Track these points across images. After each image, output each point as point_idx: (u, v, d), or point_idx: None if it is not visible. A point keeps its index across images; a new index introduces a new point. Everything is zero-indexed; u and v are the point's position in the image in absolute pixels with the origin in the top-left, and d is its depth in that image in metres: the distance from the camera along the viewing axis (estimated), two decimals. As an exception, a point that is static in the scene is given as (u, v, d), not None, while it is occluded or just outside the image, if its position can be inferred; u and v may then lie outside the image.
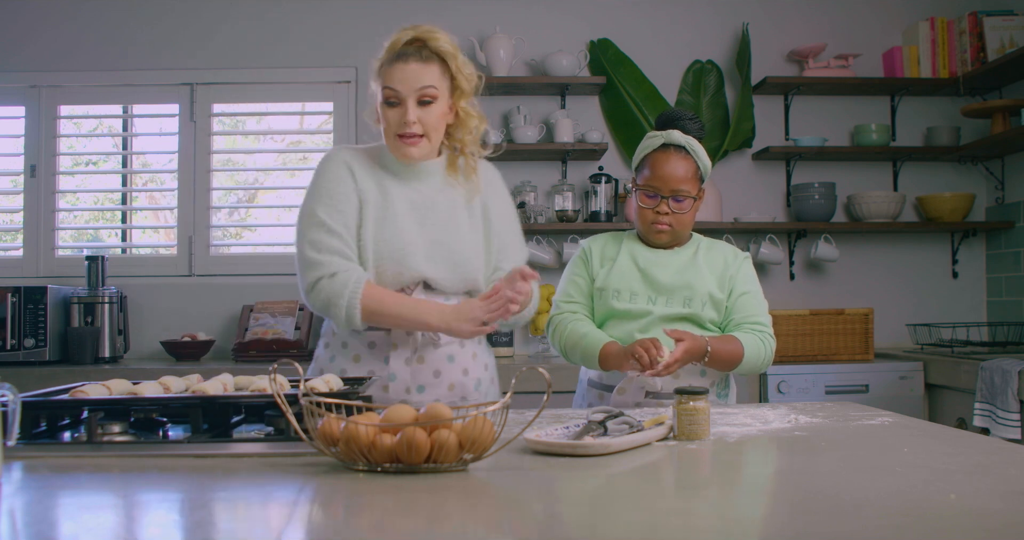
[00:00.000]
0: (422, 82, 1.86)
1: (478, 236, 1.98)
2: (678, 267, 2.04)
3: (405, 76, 1.85)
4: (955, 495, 1.09)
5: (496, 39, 3.82)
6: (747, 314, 2.03)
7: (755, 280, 2.10)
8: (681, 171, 2.00)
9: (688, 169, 2.01)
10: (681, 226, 2.04)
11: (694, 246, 2.10)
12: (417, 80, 1.85)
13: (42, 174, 3.94)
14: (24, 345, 3.47)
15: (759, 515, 1.05)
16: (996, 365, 2.95)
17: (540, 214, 3.80)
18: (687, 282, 2.01)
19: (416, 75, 1.85)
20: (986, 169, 4.05)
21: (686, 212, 2.02)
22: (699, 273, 2.03)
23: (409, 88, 1.85)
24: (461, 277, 1.93)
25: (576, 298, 2.10)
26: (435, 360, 1.92)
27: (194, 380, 1.61)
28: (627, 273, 2.05)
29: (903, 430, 1.60)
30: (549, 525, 1.02)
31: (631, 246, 2.09)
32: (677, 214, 2.02)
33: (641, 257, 2.06)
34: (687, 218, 2.04)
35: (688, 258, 2.06)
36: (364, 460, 1.23)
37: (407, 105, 1.86)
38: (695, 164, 2.03)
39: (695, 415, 1.49)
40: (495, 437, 1.25)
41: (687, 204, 2.02)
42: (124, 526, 1.05)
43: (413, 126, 1.87)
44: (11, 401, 1.26)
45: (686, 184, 2.01)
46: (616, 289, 2.04)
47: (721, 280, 2.03)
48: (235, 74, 3.96)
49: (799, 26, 4.06)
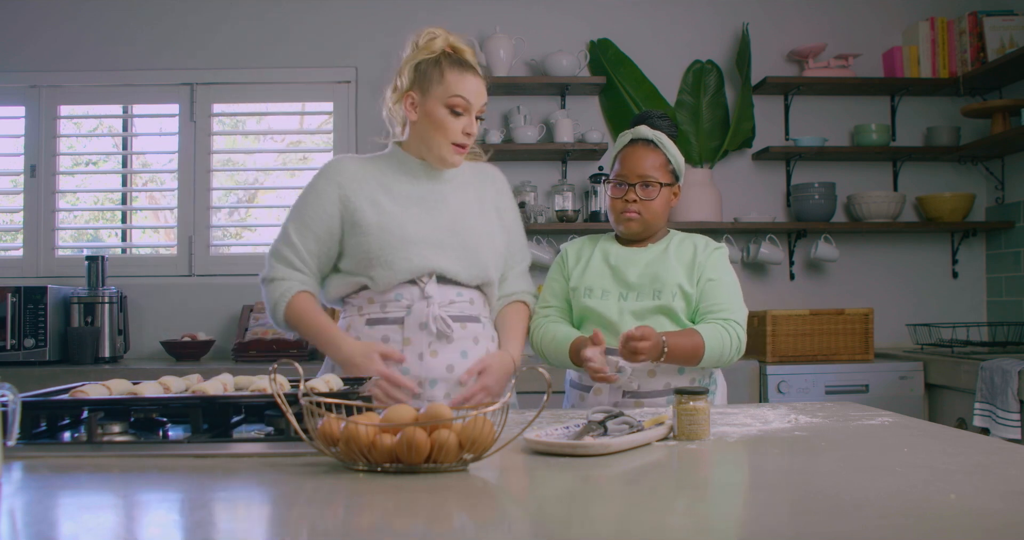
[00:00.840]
0: (484, 98, 1.95)
1: (491, 228, 2.03)
2: (647, 262, 2.05)
3: (476, 90, 1.93)
4: (955, 495, 1.09)
5: (496, 39, 3.82)
6: (713, 302, 2.00)
7: (726, 269, 2.06)
8: (648, 160, 2.04)
9: (656, 159, 2.04)
10: (649, 214, 2.04)
11: (667, 242, 2.10)
12: (482, 95, 1.95)
13: (42, 174, 3.94)
14: (24, 345, 3.47)
15: (760, 515, 1.05)
16: (996, 365, 2.95)
17: (540, 214, 3.80)
18: (655, 275, 2.01)
19: (481, 90, 1.94)
20: (986, 169, 4.05)
21: (653, 198, 2.03)
22: (668, 265, 2.03)
23: (478, 101, 1.93)
24: (472, 266, 1.96)
25: (551, 302, 2.13)
26: (448, 354, 1.92)
27: (194, 380, 1.61)
28: (598, 271, 2.07)
29: (903, 430, 1.60)
30: (549, 525, 1.02)
31: (605, 246, 2.12)
32: (645, 201, 2.03)
33: (612, 254, 2.09)
34: (655, 206, 2.04)
35: (659, 253, 2.07)
36: (364, 460, 1.23)
37: (471, 117, 1.93)
38: (664, 155, 2.05)
39: (695, 415, 1.49)
40: (495, 437, 1.25)
41: (654, 190, 2.03)
42: (124, 526, 1.05)
43: (470, 138, 1.95)
44: (11, 401, 1.26)
45: (654, 172, 2.03)
46: (588, 287, 2.06)
47: (690, 270, 2.02)
48: (235, 74, 3.96)
49: (799, 26, 4.06)
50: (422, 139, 1.96)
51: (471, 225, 1.98)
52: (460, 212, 1.99)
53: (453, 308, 1.93)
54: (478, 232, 1.99)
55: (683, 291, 2.00)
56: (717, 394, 2.10)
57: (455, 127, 1.92)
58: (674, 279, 2.00)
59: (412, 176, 2.00)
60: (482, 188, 2.07)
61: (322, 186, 1.97)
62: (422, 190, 1.99)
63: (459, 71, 1.91)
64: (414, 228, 1.92)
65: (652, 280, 2.01)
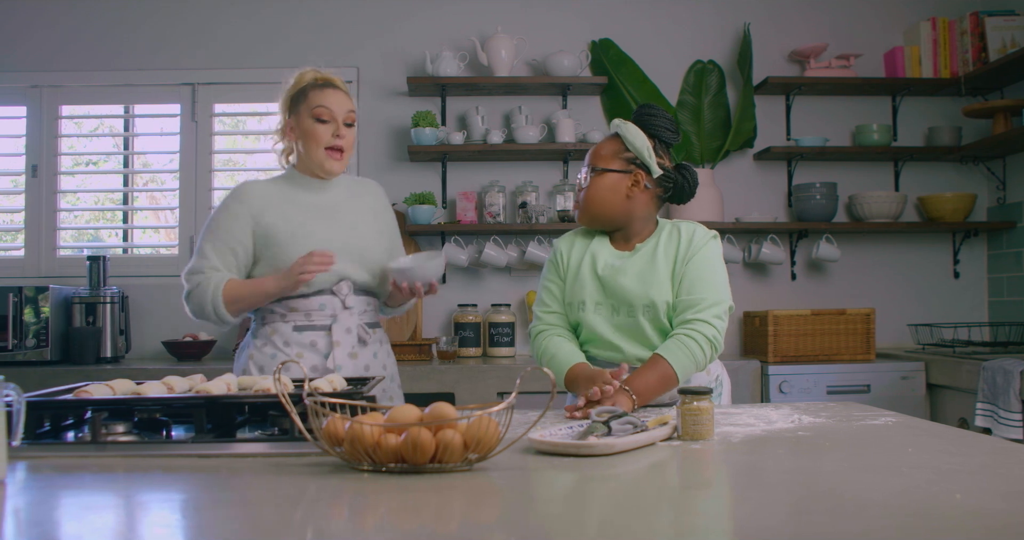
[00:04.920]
0: (348, 106, 2.18)
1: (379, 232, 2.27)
2: (637, 272, 1.96)
3: (338, 100, 2.17)
4: (960, 495, 1.09)
5: (497, 39, 3.82)
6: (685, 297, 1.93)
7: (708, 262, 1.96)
8: (601, 149, 2.00)
9: (609, 147, 1.99)
10: (588, 202, 2.00)
11: (655, 239, 2.01)
12: (344, 104, 2.18)
13: (43, 174, 3.94)
14: (25, 345, 3.47)
15: (766, 515, 1.05)
16: (998, 365, 2.95)
17: (542, 214, 3.80)
18: (644, 291, 1.94)
19: (343, 100, 2.18)
20: (987, 169, 4.05)
21: (591, 186, 1.99)
22: (657, 276, 1.94)
23: (341, 109, 2.17)
24: (369, 271, 2.20)
25: (552, 306, 2.07)
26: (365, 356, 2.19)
27: (197, 380, 1.61)
28: (588, 284, 2.00)
29: (907, 430, 1.60)
30: (554, 525, 1.02)
31: (596, 248, 2.04)
32: (586, 189, 2.00)
33: (601, 262, 2.01)
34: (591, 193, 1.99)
35: (647, 259, 1.98)
36: (369, 460, 1.23)
37: (338, 123, 2.16)
38: (620, 142, 1.98)
39: (699, 415, 1.49)
40: (500, 437, 1.24)
41: (595, 177, 1.99)
42: (129, 526, 1.05)
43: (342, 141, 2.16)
44: (16, 401, 1.26)
45: (599, 160, 1.99)
46: (580, 301, 2.01)
47: (673, 271, 1.96)
48: (237, 74, 3.96)
49: (800, 26, 4.06)
50: (304, 153, 2.19)
51: (364, 232, 2.22)
52: (354, 220, 2.22)
53: (366, 316, 2.21)
54: (370, 237, 2.23)
55: (670, 305, 1.94)
56: (723, 394, 2.09)
57: (324, 134, 2.14)
58: (662, 296, 1.93)
59: (308, 189, 2.22)
60: (365, 197, 2.30)
61: (235, 208, 2.16)
62: (319, 200, 2.21)
63: (320, 89, 2.16)
64: (322, 235, 2.14)
65: (641, 296, 1.94)
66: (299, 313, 2.15)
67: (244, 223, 2.15)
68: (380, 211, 2.33)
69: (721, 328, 1.92)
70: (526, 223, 3.79)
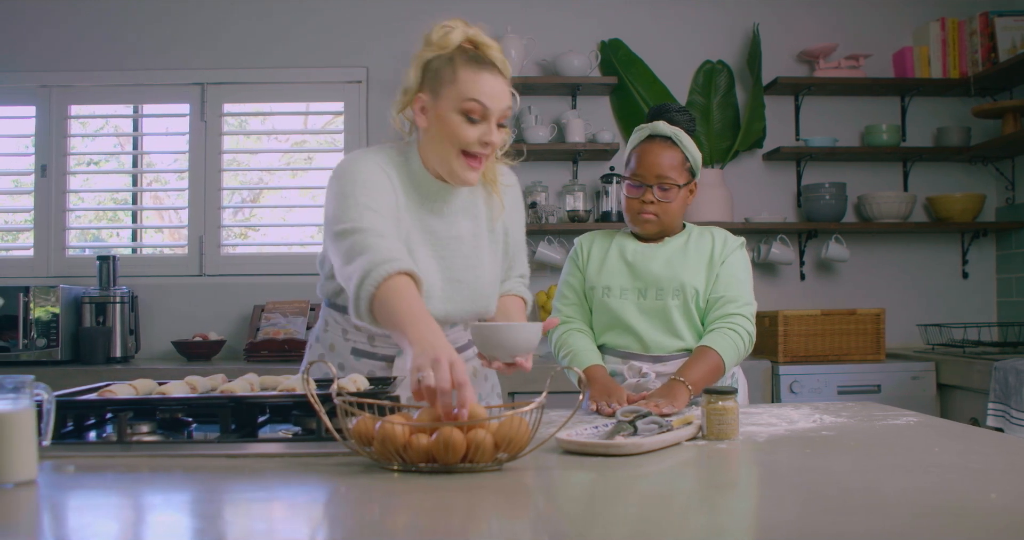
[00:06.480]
0: (506, 101, 1.65)
1: (497, 266, 1.84)
2: (667, 258, 2.02)
3: (496, 92, 1.62)
4: (996, 495, 1.08)
5: (507, 39, 3.82)
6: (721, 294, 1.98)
7: (742, 266, 2.03)
8: (666, 160, 1.99)
9: (674, 158, 2.00)
10: (667, 216, 2.01)
11: (685, 236, 2.07)
12: (503, 98, 1.64)
13: (52, 174, 3.94)
14: (36, 345, 3.47)
15: (799, 513, 1.04)
16: (1010, 365, 2.95)
17: (551, 214, 3.80)
18: (675, 274, 1.99)
19: (502, 92, 1.64)
20: (996, 170, 4.05)
21: (672, 201, 2.00)
22: (687, 264, 2.00)
23: (497, 106, 1.63)
24: (476, 306, 1.79)
25: (571, 299, 2.09)
26: None
27: (219, 380, 1.60)
28: (615, 269, 2.04)
29: (929, 430, 1.60)
30: (584, 524, 1.02)
31: (621, 242, 2.08)
32: (663, 203, 2.00)
33: (629, 251, 2.05)
34: (673, 208, 2.01)
35: (678, 249, 2.04)
36: (399, 460, 1.22)
37: (491, 124, 1.64)
38: (681, 153, 2.01)
39: (724, 415, 1.49)
40: (530, 437, 1.24)
41: (672, 193, 2.00)
42: (158, 525, 1.05)
43: (488, 149, 1.65)
44: (46, 401, 1.26)
45: (672, 172, 1.99)
46: (606, 286, 2.03)
47: (708, 268, 2.01)
48: (246, 74, 3.95)
49: (810, 26, 4.06)
50: (433, 149, 1.67)
51: (483, 272, 1.78)
52: (471, 252, 1.76)
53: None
54: (486, 272, 1.78)
55: (700, 293, 1.99)
56: (741, 394, 2.10)
57: (469, 135, 1.62)
58: (692, 281, 1.98)
59: (427, 195, 1.73)
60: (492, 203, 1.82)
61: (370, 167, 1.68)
62: (435, 223, 1.73)
63: (475, 70, 1.62)
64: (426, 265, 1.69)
65: (671, 279, 1.99)
66: (362, 333, 1.78)
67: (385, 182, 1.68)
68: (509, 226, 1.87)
69: (753, 328, 1.99)
70: (536, 223, 3.79)
